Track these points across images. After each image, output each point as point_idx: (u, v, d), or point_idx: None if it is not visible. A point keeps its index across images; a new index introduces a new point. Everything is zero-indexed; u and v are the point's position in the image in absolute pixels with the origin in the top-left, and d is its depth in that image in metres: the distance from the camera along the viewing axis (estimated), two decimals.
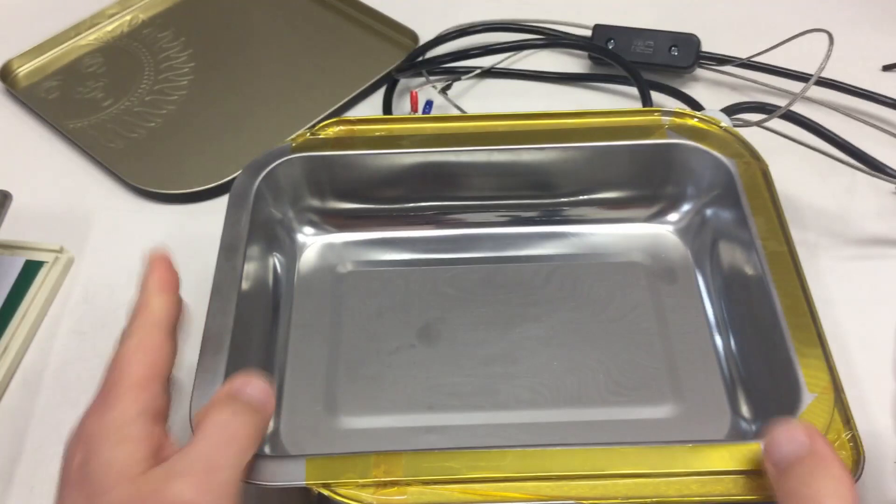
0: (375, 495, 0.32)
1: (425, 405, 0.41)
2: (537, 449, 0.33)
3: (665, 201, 0.47)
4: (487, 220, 0.48)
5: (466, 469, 0.33)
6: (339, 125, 0.46)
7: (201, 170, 0.56)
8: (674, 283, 0.45)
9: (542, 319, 0.44)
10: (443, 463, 0.33)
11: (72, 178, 0.57)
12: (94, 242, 0.53)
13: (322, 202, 0.47)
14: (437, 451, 0.34)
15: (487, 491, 0.32)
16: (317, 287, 0.46)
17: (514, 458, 0.33)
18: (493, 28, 0.62)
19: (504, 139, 0.45)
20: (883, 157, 0.51)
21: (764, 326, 0.38)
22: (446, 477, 0.33)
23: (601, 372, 0.42)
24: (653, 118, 0.46)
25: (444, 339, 0.43)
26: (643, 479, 0.33)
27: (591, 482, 0.33)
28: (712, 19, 0.65)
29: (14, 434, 0.44)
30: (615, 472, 0.33)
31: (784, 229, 0.40)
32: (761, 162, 0.43)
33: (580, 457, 0.33)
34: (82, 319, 0.49)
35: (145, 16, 0.69)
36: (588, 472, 0.33)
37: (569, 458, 0.33)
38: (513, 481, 0.33)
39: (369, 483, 0.32)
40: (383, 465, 0.33)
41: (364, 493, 0.32)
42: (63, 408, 0.45)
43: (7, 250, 0.52)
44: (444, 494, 0.32)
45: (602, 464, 0.33)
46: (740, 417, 0.40)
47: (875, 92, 0.57)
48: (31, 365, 0.47)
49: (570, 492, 0.32)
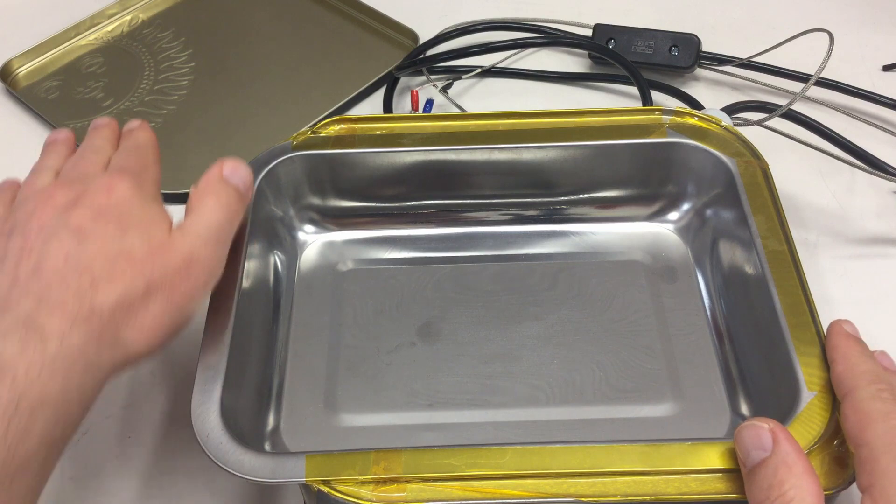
0: (375, 492, 0.32)
1: (425, 403, 0.41)
2: (537, 446, 0.33)
3: (665, 200, 0.47)
4: (488, 219, 0.48)
5: (466, 466, 0.33)
6: (339, 123, 0.46)
7: (201, 170, 0.55)
8: (674, 282, 0.45)
9: (542, 318, 0.44)
10: (442, 460, 0.33)
11: None
12: None
13: (323, 200, 0.47)
14: (436, 449, 0.34)
15: (487, 488, 0.32)
16: (317, 285, 0.46)
17: (514, 456, 0.33)
18: (493, 27, 0.62)
19: (505, 138, 0.45)
20: (883, 157, 0.51)
21: (763, 325, 0.38)
22: (446, 474, 0.33)
23: (601, 370, 0.42)
24: (653, 117, 0.46)
25: (445, 337, 0.43)
26: (642, 477, 0.33)
27: (590, 480, 0.32)
28: (713, 19, 0.66)
29: None
30: (614, 470, 0.33)
31: (784, 228, 0.40)
32: (761, 161, 0.43)
33: (579, 454, 0.33)
34: None
35: (145, 16, 0.69)
36: (587, 469, 0.33)
37: (568, 455, 0.33)
38: (512, 479, 0.33)
39: (369, 480, 0.32)
40: (383, 462, 0.33)
41: (364, 490, 0.32)
42: None
43: None
44: (444, 491, 0.32)
45: (601, 461, 0.33)
46: (740, 416, 0.40)
47: (875, 92, 0.57)
48: None
49: (570, 489, 0.32)
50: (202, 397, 0.35)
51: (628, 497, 0.32)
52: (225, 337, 0.37)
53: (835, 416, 0.34)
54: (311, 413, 0.41)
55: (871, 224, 0.52)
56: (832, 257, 0.50)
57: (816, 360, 0.35)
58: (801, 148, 0.51)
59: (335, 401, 0.41)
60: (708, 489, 0.32)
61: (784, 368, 0.36)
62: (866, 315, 0.47)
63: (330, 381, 0.42)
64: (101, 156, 0.38)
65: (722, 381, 0.41)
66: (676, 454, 0.33)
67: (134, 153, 0.39)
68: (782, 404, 0.35)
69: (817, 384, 0.35)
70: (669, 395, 0.41)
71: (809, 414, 0.34)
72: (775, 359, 0.37)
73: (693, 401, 0.41)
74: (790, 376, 0.35)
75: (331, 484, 0.32)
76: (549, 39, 0.62)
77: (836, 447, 0.33)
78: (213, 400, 0.35)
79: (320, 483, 0.32)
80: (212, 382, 0.36)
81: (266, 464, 0.33)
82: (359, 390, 0.42)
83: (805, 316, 0.37)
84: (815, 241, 0.51)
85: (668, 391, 0.41)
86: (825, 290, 0.47)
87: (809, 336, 0.36)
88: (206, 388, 0.35)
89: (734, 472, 0.32)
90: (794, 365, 0.35)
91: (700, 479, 0.32)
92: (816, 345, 0.36)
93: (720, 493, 0.32)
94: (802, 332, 0.36)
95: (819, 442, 0.33)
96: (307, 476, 0.33)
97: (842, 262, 0.50)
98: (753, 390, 0.40)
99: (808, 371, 0.35)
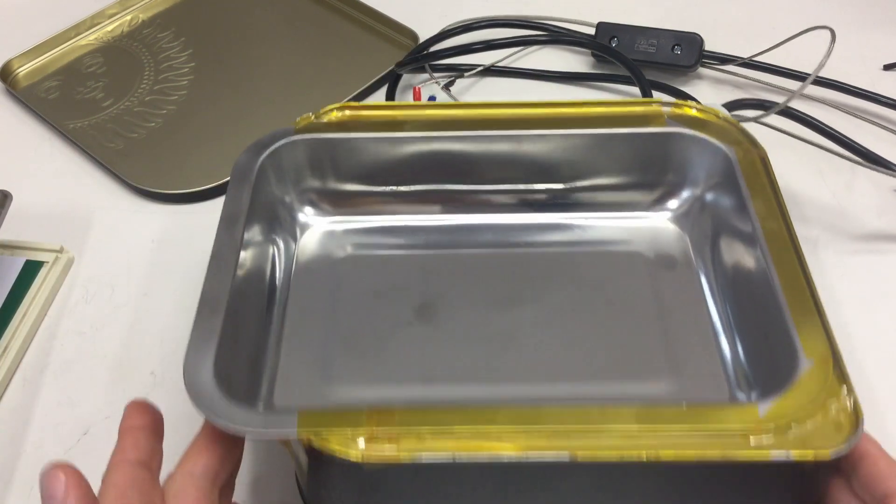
0: (367, 448, 0.32)
1: (420, 378, 0.41)
2: (531, 407, 0.33)
3: (665, 188, 0.47)
4: (487, 207, 0.48)
5: (459, 422, 0.32)
6: (342, 110, 0.47)
7: (201, 170, 0.56)
8: (673, 269, 0.45)
9: (540, 301, 0.44)
10: (435, 417, 0.33)
11: (72, 178, 0.57)
12: (94, 242, 0.53)
13: (324, 184, 0.47)
14: (429, 409, 0.33)
15: (480, 443, 0.32)
16: (316, 267, 0.46)
17: (508, 415, 0.33)
18: (496, 24, 0.62)
19: (505, 126, 0.45)
20: (885, 155, 0.51)
21: (762, 301, 0.38)
22: (438, 428, 0.32)
23: (599, 350, 0.42)
24: (653, 108, 0.46)
25: (442, 318, 0.43)
26: (637, 437, 0.32)
27: (584, 439, 0.32)
28: (715, 19, 0.66)
29: (14, 434, 0.44)
30: (609, 428, 0.32)
31: (782, 210, 0.40)
32: (760, 149, 0.43)
33: (574, 413, 0.33)
34: (82, 319, 0.49)
35: (145, 16, 0.69)
36: (581, 428, 0.32)
37: (563, 414, 0.33)
38: (506, 435, 0.32)
39: (361, 434, 0.32)
40: (376, 418, 0.32)
41: (355, 447, 0.32)
42: (63, 408, 0.45)
43: (7, 250, 0.51)
44: (436, 446, 0.32)
45: (595, 419, 0.32)
46: (738, 392, 0.40)
47: (875, 92, 0.57)
48: (31, 365, 0.47)
49: (564, 445, 0.32)
50: (195, 359, 0.34)
51: (623, 454, 0.32)
52: (221, 301, 0.37)
53: (830, 382, 0.33)
54: (305, 385, 0.41)
55: (872, 221, 0.52)
56: (834, 252, 0.50)
57: (814, 330, 0.35)
58: (802, 147, 0.51)
59: (330, 374, 0.41)
60: (705, 450, 0.32)
61: (782, 340, 0.36)
62: (870, 311, 0.47)
63: (326, 354, 0.42)
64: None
65: (720, 358, 0.41)
66: (672, 414, 0.33)
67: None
68: (781, 375, 0.35)
69: (815, 352, 0.34)
70: (667, 373, 0.41)
71: (808, 380, 0.34)
72: (773, 332, 0.37)
73: (691, 378, 0.40)
74: (788, 347, 0.35)
75: (322, 436, 0.32)
76: (552, 37, 0.62)
77: (836, 413, 0.33)
78: (207, 361, 0.34)
79: (312, 435, 0.32)
80: (205, 346, 0.35)
81: (258, 417, 0.33)
82: (355, 365, 0.41)
83: (803, 289, 0.37)
84: (816, 237, 0.51)
85: (665, 369, 0.41)
86: (827, 286, 0.47)
87: (807, 307, 0.36)
88: (200, 351, 0.35)
89: (731, 434, 0.32)
90: (792, 336, 0.35)
91: (696, 440, 0.32)
92: (814, 315, 0.36)
93: (717, 453, 0.32)
94: (800, 304, 0.36)
95: (815, 406, 0.33)
96: (299, 428, 0.32)
97: (843, 258, 0.50)
98: (752, 367, 0.40)
99: (807, 342, 0.35)
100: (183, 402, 0.34)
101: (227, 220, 0.41)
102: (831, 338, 0.35)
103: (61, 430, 0.44)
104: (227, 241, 0.40)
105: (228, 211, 0.41)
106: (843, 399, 0.33)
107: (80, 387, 0.46)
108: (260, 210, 0.43)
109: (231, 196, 0.42)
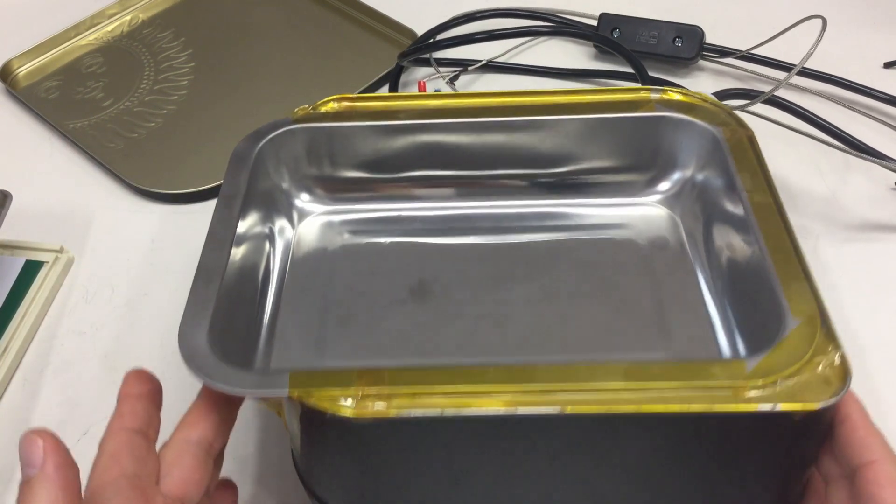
0: (357, 406, 0.32)
1: (413, 352, 0.41)
2: (520, 366, 0.33)
3: (656, 171, 0.48)
4: (483, 194, 0.48)
5: (449, 380, 0.33)
6: (339, 101, 0.47)
7: (201, 170, 0.56)
8: (665, 249, 0.46)
9: (534, 280, 0.44)
10: (425, 376, 0.33)
11: (72, 178, 0.57)
12: (94, 242, 0.53)
13: (321, 172, 0.48)
14: (419, 368, 0.34)
15: (469, 400, 0.32)
16: (313, 251, 0.46)
17: (497, 373, 0.33)
18: (499, 14, 0.62)
19: (499, 114, 0.46)
20: (882, 150, 0.51)
21: (751, 271, 0.39)
22: (428, 389, 0.33)
23: (592, 324, 0.42)
24: (642, 94, 0.47)
25: (436, 296, 0.44)
26: (626, 390, 0.32)
27: (573, 395, 0.32)
28: (716, 11, 0.66)
29: (14, 434, 0.44)
30: (597, 385, 0.32)
31: (769, 183, 0.41)
32: (747, 129, 0.44)
33: (563, 371, 0.33)
34: (82, 319, 0.49)
35: (145, 16, 0.69)
36: (571, 386, 0.32)
37: (551, 371, 0.33)
38: (495, 392, 0.32)
39: (351, 394, 0.32)
40: (367, 378, 0.33)
41: (346, 405, 0.32)
42: (63, 408, 0.45)
43: (7, 250, 0.51)
44: (426, 402, 0.32)
45: (584, 376, 0.33)
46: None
47: (875, 89, 0.57)
48: (31, 365, 0.47)
49: (553, 400, 0.32)
50: (191, 326, 0.35)
51: (612, 408, 0.32)
52: (217, 273, 0.37)
53: (818, 339, 0.34)
54: (299, 358, 0.41)
55: (865, 211, 0.52)
56: (828, 244, 0.50)
57: (801, 292, 0.36)
58: (794, 138, 0.51)
59: (325, 347, 0.42)
60: (692, 402, 0.32)
61: (770, 303, 0.36)
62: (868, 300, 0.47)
63: (320, 329, 0.42)
64: None
65: (712, 330, 0.42)
66: (661, 370, 0.33)
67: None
68: (769, 336, 0.36)
69: (803, 312, 0.35)
70: (660, 343, 0.41)
71: (795, 338, 0.34)
72: (762, 298, 0.37)
73: (683, 348, 0.41)
74: (776, 308, 0.36)
75: (314, 396, 0.32)
76: (555, 28, 0.62)
77: (825, 368, 0.33)
78: (202, 328, 0.35)
79: (303, 394, 0.32)
80: (201, 314, 0.35)
81: (252, 378, 0.33)
82: (349, 339, 0.42)
83: (790, 255, 0.38)
84: (810, 227, 0.51)
85: (657, 339, 0.41)
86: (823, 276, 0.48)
87: (794, 272, 0.37)
88: (195, 318, 0.35)
89: (720, 388, 0.32)
90: (780, 297, 0.36)
91: (684, 394, 0.32)
92: (801, 278, 0.37)
93: (703, 406, 0.32)
94: (787, 269, 0.37)
95: (803, 362, 0.33)
96: (290, 388, 0.32)
97: (836, 246, 0.50)
98: (742, 333, 0.40)
99: (794, 303, 0.36)
100: (183, 401, 0.34)
101: (225, 199, 0.42)
102: (819, 299, 0.35)
103: (61, 430, 0.43)
104: (225, 218, 0.40)
105: (226, 192, 0.42)
106: (832, 355, 0.33)
107: (80, 387, 0.46)
108: (258, 194, 0.44)
109: (229, 179, 0.43)
